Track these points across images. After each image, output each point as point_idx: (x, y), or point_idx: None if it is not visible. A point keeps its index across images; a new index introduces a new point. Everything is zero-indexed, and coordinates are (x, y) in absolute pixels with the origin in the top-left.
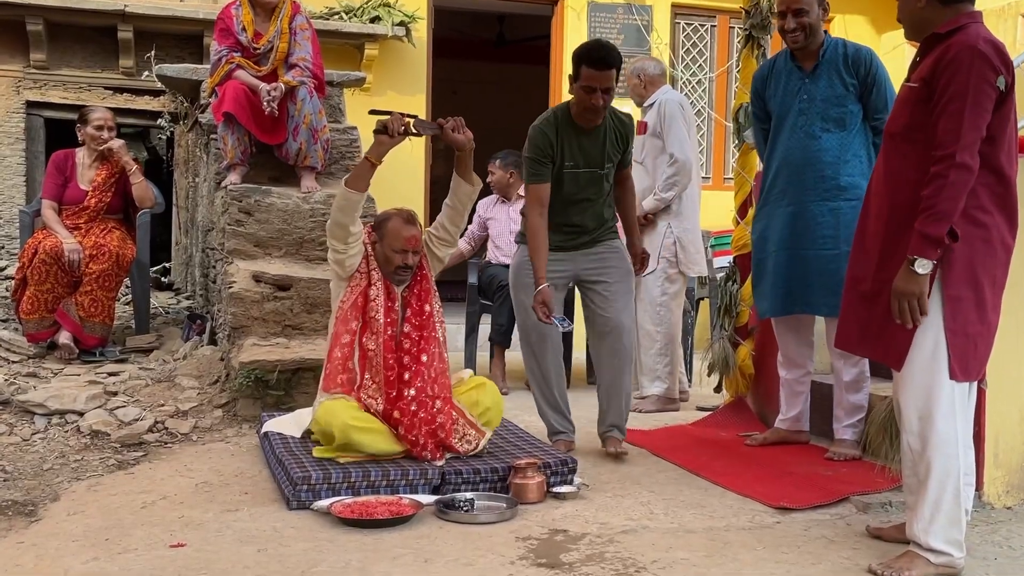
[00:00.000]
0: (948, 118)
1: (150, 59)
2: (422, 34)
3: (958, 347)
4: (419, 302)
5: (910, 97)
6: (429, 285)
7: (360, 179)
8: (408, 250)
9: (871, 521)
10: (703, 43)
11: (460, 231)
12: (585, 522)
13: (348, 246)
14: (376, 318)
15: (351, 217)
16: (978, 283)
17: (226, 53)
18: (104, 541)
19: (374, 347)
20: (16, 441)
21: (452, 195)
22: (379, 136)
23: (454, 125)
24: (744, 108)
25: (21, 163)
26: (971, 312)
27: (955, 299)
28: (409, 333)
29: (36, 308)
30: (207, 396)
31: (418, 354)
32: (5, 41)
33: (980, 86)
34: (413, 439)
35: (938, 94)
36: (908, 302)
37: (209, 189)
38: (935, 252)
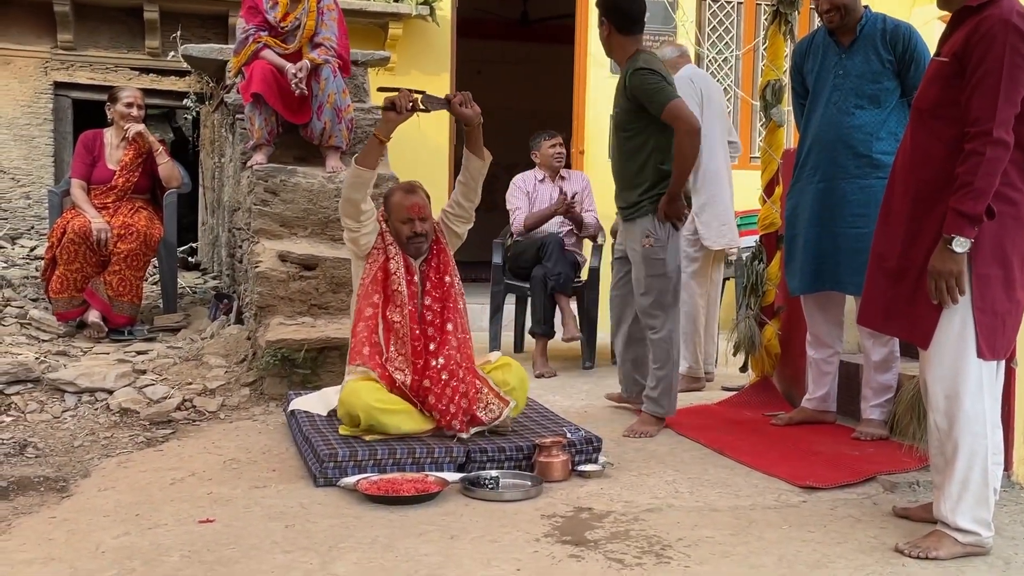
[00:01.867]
0: (983, 93)
1: (176, 39)
2: (446, 13)
3: (986, 326)
4: (438, 275)
5: (940, 72)
6: (447, 258)
7: (369, 156)
8: (413, 218)
9: (898, 501)
10: (729, 21)
11: (475, 205)
12: (610, 500)
13: (361, 224)
14: (399, 290)
15: (362, 194)
16: (1007, 261)
17: (253, 32)
18: (135, 516)
19: (399, 319)
20: (47, 419)
21: (464, 171)
22: (387, 113)
23: (461, 99)
24: (771, 85)
25: (49, 144)
26: (999, 290)
27: (984, 277)
28: (431, 305)
29: (65, 287)
30: (234, 375)
31: (442, 324)
32: (33, 22)
33: (1015, 60)
34: (444, 408)
35: (971, 69)
36: (946, 281)
37: (235, 169)
38: (973, 230)
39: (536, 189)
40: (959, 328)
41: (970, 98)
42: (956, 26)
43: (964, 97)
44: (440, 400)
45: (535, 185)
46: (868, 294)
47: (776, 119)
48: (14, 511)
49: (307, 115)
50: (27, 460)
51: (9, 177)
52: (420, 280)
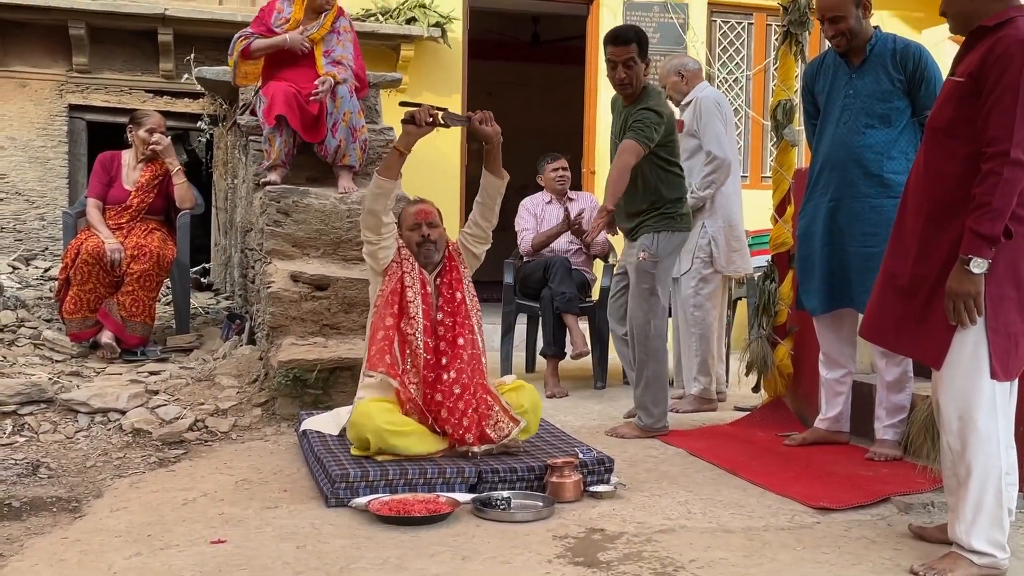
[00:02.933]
0: (1000, 114)
1: (190, 62)
2: (457, 35)
3: (1000, 346)
4: (450, 290)
5: (955, 92)
6: (459, 275)
7: (390, 168)
8: (421, 223)
9: (913, 522)
10: (740, 41)
11: (493, 226)
12: (622, 521)
13: (381, 237)
14: (413, 303)
15: (383, 205)
16: (1021, 281)
17: (249, 34)
18: (146, 537)
19: (412, 331)
20: (60, 439)
21: (482, 191)
22: (407, 126)
23: (482, 117)
24: (782, 105)
25: (64, 166)
26: (1013, 311)
27: (998, 298)
28: (443, 320)
29: (79, 308)
30: (246, 395)
31: (453, 339)
32: (48, 45)
33: None
34: (456, 422)
35: (988, 89)
36: (964, 303)
37: (248, 190)
38: (991, 251)
39: (544, 211)
40: (972, 349)
41: (987, 118)
42: (971, 46)
43: (981, 117)
44: (452, 414)
45: (543, 207)
46: (878, 310)
47: (788, 139)
48: (27, 531)
49: (322, 133)
50: (40, 480)
51: (24, 199)
52: (434, 294)
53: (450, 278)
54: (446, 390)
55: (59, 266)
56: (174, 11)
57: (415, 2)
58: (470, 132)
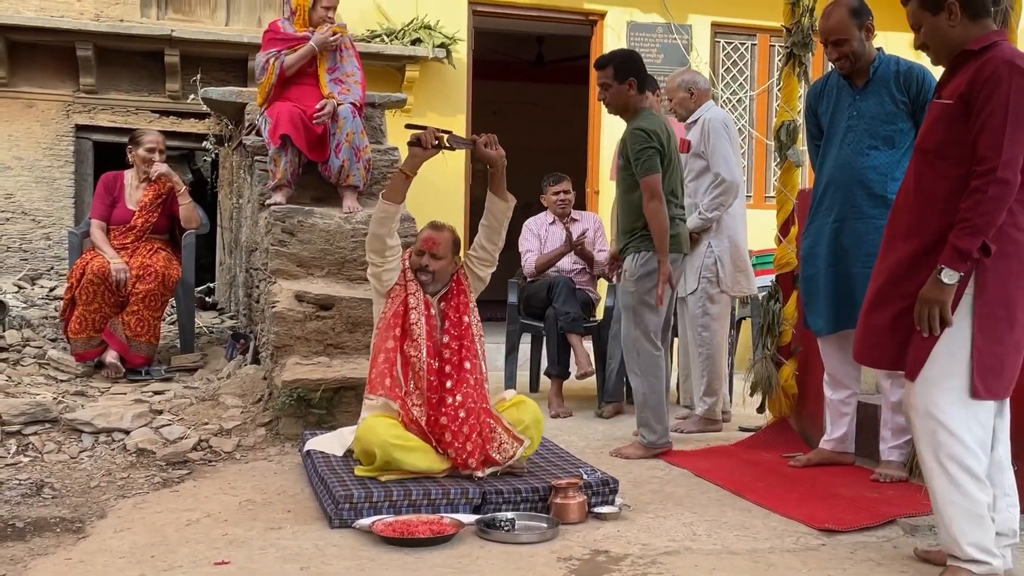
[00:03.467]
0: (989, 133)
1: (196, 82)
2: (462, 55)
3: (984, 365)
4: (456, 313)
5: (944, 114)
6: (466, 299)
7: (396, 191)
8: (425, 251)
9: (919, 543)
10: (743, 62)
11: (499, 249)
12: (627, 543)
13: (385, 259)
14: (417, 325)
15: (387, 228)
16: (1011, 302)
17: (274, 55)
18: (150, 558)
19: (415, 354)
20: (64, 459)
21: (488, 213)
22: (412, 148)
23: (487, 141)
24: (786, 126)
25: (70, 185)
26: (1002, 331)
27: (986, 317)
28: (449, 343)
29: (84, 328)
30: (250, 415)
31: (460, 362)
32: (55, 66)
33: (1021, 101)
34: (460, 446)
35: (977, 109)
36: (931, 310)
37: (253, 210)
38: (964, 265)
39: (547, 231)
40: (949, 365)
41: (977, 138)
42: (956, 70)
43: (970, 137)
44: (456, 438)
45: (546, 228)
46: (867, 332)
47: (792, 159)
48: (30, 552)
49: (326, 153)
50: (44, 501)
51: (30, 218)
52: (439, 317)
53: (457, 302)
54: (451, 413)
55: (64, 286)
56: (180, 32)
57: (420, 23)
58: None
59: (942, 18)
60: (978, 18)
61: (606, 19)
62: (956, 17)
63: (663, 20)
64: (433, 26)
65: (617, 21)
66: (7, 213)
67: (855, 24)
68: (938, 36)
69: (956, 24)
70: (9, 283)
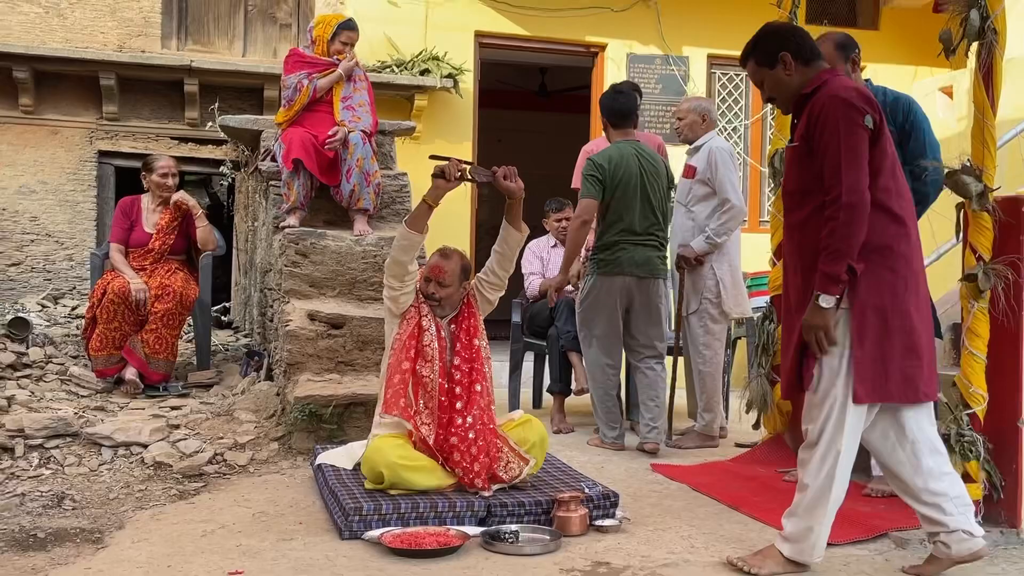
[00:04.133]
0: (829, 164)
1: (214, 111)
2: (469, 85)
3: (864, 371)
4: (468, 336)
5: (794, 156)
6: (477, 323)
7: (418, 220)
8: (431, 279)
9: (909, 556)
10: (738, 92)
11: (508, 275)
12: (627, 555)
13: (404, 284)
14: (430, 347)
15: (410, 256)
16: (882, 309)
17: (305, 76)
18: (166, 568)
19: (428, 374)
20: (84, 472)
21: (502, 242)
22: (437, 180)
23: (506, 173)
24: (780, 153)
25: (93, 209)
26: (881, 339)
27: (862, 328)
28: (459, 365)
29: (105, 345)
30: (264, 429)
31: (470, 384)
32: (80, 95)
33: (850, 128)
34: (468, 466)
35: (815, 144)
36: (816, 334)
37: (267, 232)
38: (836, 288)
39: (549, 254)
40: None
41: (821, 171)
42: (799, 114)
43: (819, 171)
44: (464, 457)
45: (548, 251)
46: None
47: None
48: (51, 562)
49: (337, 177)
50: (64, 512)
51: (54, 240)
52: (450, 340)
53: (468, 324)
54: (461, 434)
55: (86, 305)
56: (199, 63)
57: (429, 55)
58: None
59: (779, 70)
60: (811, 63)
61: (607, 51)
62: (791, 67)
63: (661, 52)
64: (441, 57)
65: (617, 53)
66: (32, 235)
67: (841, 57)
68: (779, 87)
69: (792, 73)
70: (33, 302)
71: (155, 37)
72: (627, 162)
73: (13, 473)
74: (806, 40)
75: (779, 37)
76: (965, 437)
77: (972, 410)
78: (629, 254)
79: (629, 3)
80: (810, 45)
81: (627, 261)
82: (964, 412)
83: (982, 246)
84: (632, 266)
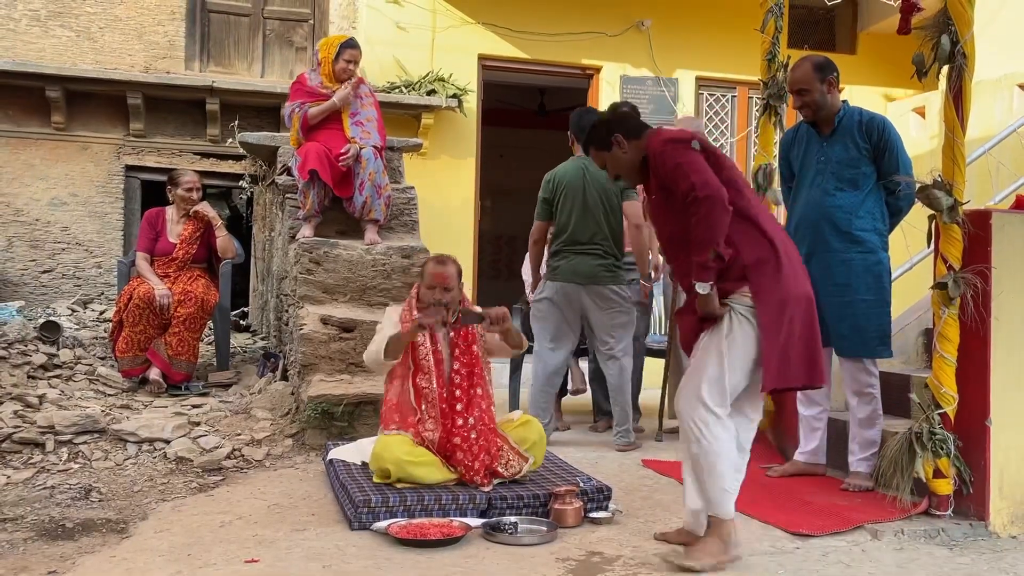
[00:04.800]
0: (681, 181)
1: (234, 128)
2: (472, 105)
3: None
4: (466, 343)
5: (659, 206)
6: (475, 331)
7: (397, 352)
8: (436, 286)
9: (883, 547)
10: (724, 111)
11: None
12: (619, 545)
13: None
14: (425, 360)
15: (386, 371)
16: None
17: (297, 107)
18: (187, 556)
19: (427, 385)
20: (110, 466)
21: (499, 350)
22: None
23: (495, 318)
24: (763, 169)
25: (120, 219)
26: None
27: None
28: (459, 370)
29: (130, 347)
30: (279, 427)
31: (470, 388)
32: (108, 113)
33: (682, 151)
34: (469, 464)
35: (666, 182)
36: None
37: (283, 242)
38: (708, 274)
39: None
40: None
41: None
42: (646, 177)
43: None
44: (467, 456)
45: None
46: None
47: (771, 199)
48: (79, 550)
49: (350, 190)
50: (91, 504)
51: (83, 248)
52: (448, 347)
53: (466, 332)
54: (463, 434)
55: (113, 309)
56: (221, 83)
57: (435, 76)
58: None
59: (616, 151)
60: (640, 135)
61: (601, 73)
62: (624, 145)
63: (652, 74)
64: (446, 78)
65: (611, 75)
66: (63, 244)
67: (818, 78)
68: (620, 165)
69: (627, 150)
70: (63, 307)
71: (179, 59)
72: (571, 176)
73: (43, 467)
74: (630, 119)
75: (608, 123)
76: (936, 435)
77: (943, 410)
78: (571, 262)
79: (622, 28)
80: (635, 123)
81: (567, 269)
82: (935, 412)
83: (952, 256)
84: (571, 274)
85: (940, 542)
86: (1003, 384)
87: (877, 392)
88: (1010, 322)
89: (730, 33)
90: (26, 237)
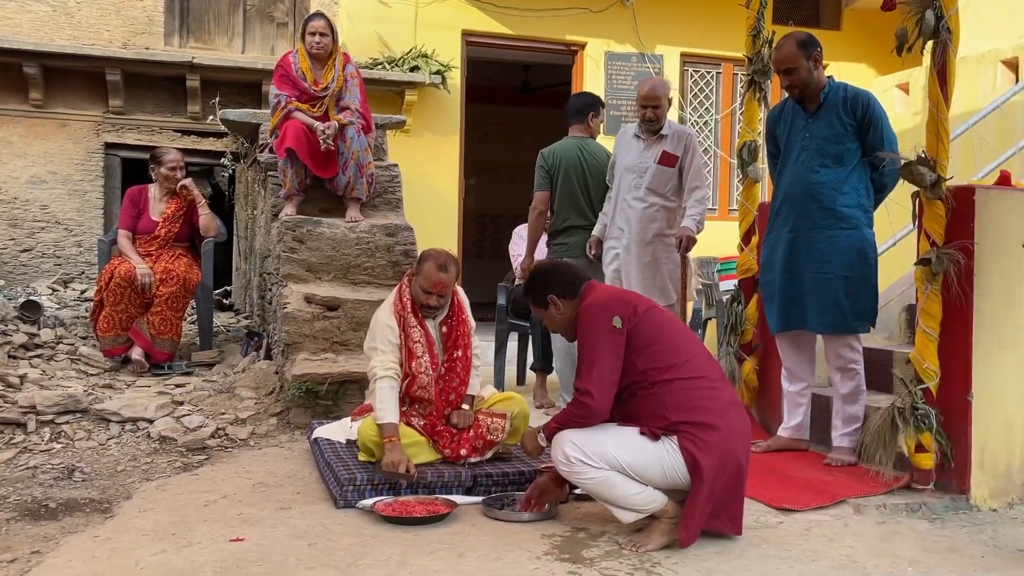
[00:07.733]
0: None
1: (215, 105)
2: (456, 82)
3: None
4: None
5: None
6: (467, 329)
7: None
8: (433, 292)
9: (866, 520)
10: (709, 88)
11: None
12: (604, 521)
13: None
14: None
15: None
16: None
17: (284, 99)
18: (171, 535)
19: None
20: (93, 446)
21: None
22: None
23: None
24: (748, 146)
25: (100, 198)
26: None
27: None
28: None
29: (112, 327)
30: (263, 406)
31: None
32: (87, 90)
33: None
34: (456, 445)
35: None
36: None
37: (266, 220)
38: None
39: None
40: None
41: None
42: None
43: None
44: (453, 439)
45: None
46: None
47: (752, 175)
48: (62, 530)
49: (334, 170)
50: (74, 483)
51: (63, 227)
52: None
53: (458, 321)
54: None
55: (94, 288)
56: (201, 59)
57: (418, 52)
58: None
59: (552, 310)
60: (575, 294)
61: (586, 50)
62: (559, 304)
63: (637, 51)
64: (430, 55)
65: (596, 51)
66: (43, 223)
67: (803, 55)
68: (557, 323)
69: (563, 309)
70: (44, 286)
71: (158, 35)
72: (569, 154)
73: (26, 447)
74: (567, 278)
75: (544, 284)
76: (919, 410)
77: (925, 385)
78: (577, 238)
79: (607, 4)
80: (571, 281)
81: (577, 244)
82: (918, 387)
83: (936, 232)
84: (583, 248)
85: (922, 515)
86: (985, 360)
87: (860, 368)
88: (992, 298)
89: (715, 9)
90: (5, 216)
